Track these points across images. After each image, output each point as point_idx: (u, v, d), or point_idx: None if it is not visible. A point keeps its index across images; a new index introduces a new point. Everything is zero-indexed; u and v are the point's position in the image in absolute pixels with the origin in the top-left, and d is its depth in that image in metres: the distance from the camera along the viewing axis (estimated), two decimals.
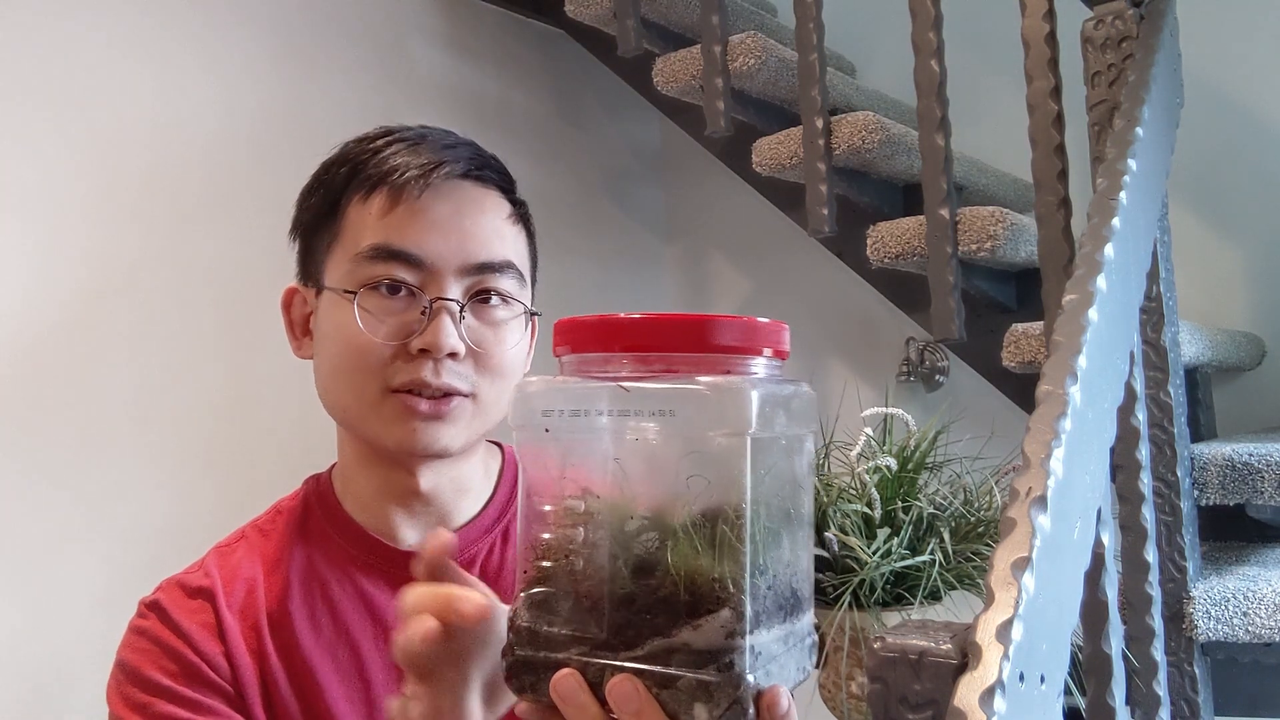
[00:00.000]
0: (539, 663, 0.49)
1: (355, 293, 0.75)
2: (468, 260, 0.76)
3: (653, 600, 0.47)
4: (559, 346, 0.53)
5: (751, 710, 0.46)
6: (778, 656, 0.49)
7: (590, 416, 0.49)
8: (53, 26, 1.63)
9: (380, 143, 0.80)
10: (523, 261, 0.82)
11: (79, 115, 1.65)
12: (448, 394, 0.75)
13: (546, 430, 0.50)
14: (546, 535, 0.50)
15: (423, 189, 0.76)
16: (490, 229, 0.79)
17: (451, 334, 0.74)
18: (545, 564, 0.50)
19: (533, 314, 0.82)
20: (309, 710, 0.75)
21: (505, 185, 0.82)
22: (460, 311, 0.76)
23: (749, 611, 0.46)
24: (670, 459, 0.48)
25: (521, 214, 0.83)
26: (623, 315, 0.50)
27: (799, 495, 0.52)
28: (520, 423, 0.52)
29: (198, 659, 0.74)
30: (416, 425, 0.74)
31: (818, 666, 1.19)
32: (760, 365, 0.51)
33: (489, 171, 0.81)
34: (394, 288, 0.75)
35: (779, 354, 0.52)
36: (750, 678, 0.46)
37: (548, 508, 0.50)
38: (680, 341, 0.49)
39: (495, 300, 0.78)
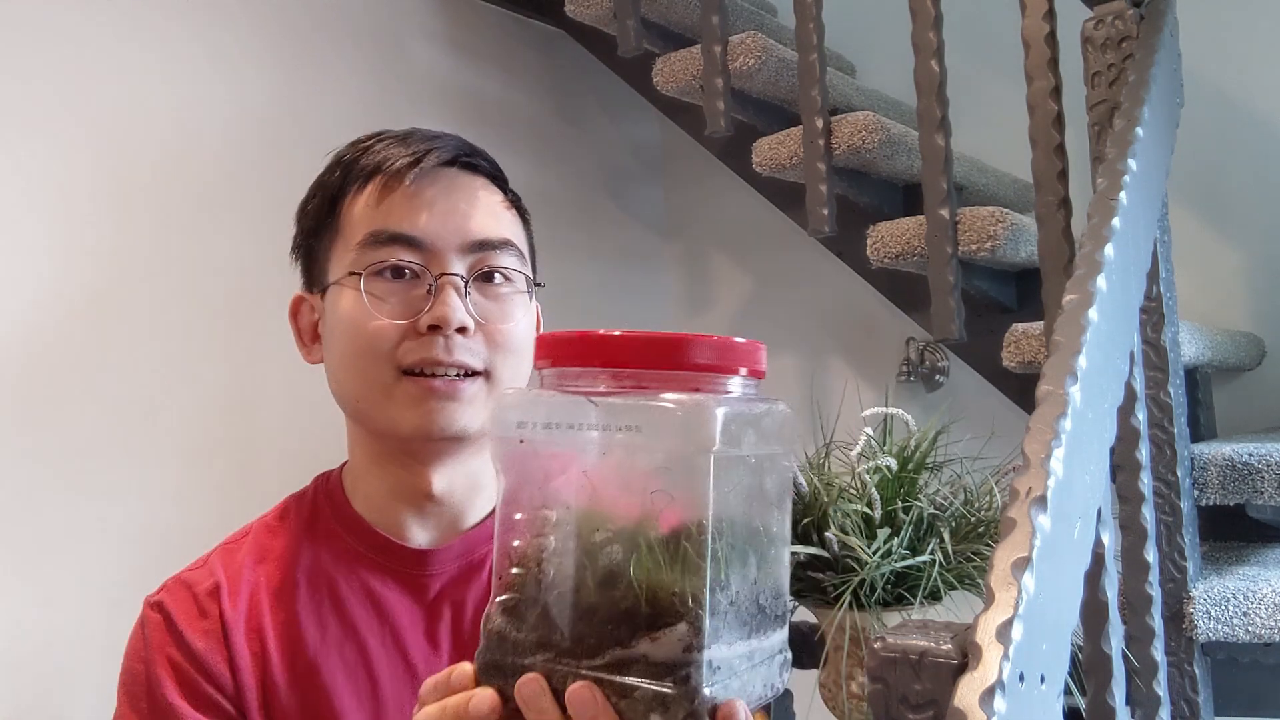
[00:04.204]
0: (507, 667, 0.50)
1: (360, 274, 0.76)
2: (467, 238, 0.77)
3: (615, 611, 0.48)
4: (540, 359, 0.53)
5: None
6: (740, 673, 0.49)
7: (562, 429, 0.50)
8: (61, 22, 1.63)
9: (370, 141, 0.81)
10: (521, 243, 0.82)
11: (88, 112, 1.65)
12: (461, 373, 0.75)
13: (521, 441, 0.51)
14: (518, 543, 0.51)
15: (415, 175, 0.77)
16: (486, 209, 0.79)
17: (459, 308, 0.74)
18: (517, 571, 0.51)
19: (537, 284, 0.83)
20: (311, 711, 0.74)
21: (495, 174, 0.83)
22: (465, 287, 0.76)
23: (707, 626, 0.47)
24: (637, 474, 0.49)
25: (514, 201, 0.84)
26: (600, 331, 0.51)
27: (769, 513, 0.52)
28: (497, 432, 0.52)
29: (199, 675, 0.74)
30: (433, 406, 0.74)
31: (818, 666, 1.19)
32: (735, 384, 0.51)
33: (478, 159, 0.81)
34: (398, 271, 0.76)
35: (754, 373, 0.52)
36: (706, 691, 0.46)
37: (520, 516, 0.51)
38: (655, 359, 0.50)
39: (499, 278, 0.79)
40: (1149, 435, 1.18)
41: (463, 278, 0.76)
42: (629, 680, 0.47)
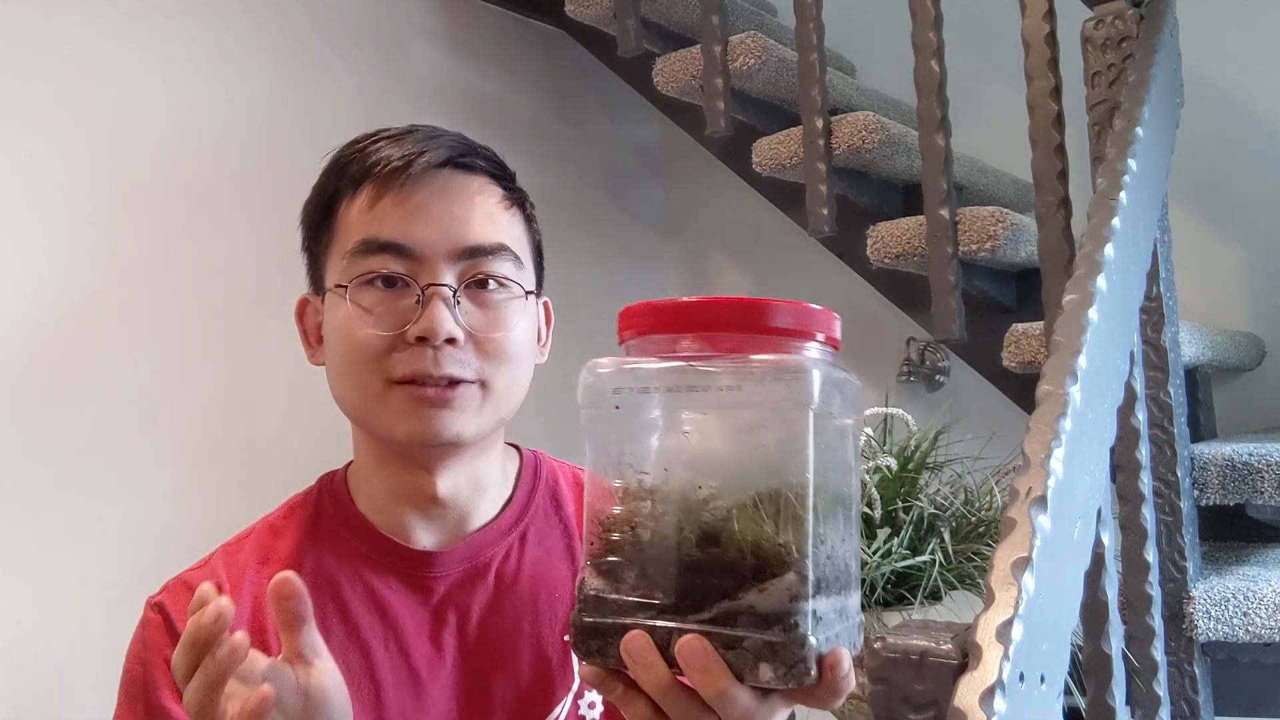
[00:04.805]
0: (606, 628, 0.51)
1: (346, 286, 0.75)
2: (457, 245, 0.75)
3: (720, 565, 0.49)
4: (624, 331, 0.54)
5: (814, 670, 0.47)
6: (834, 625, 0.50)
7: (659, 393, 0.51)
8: (61, 22, 1.63)
9: (366, 142, 0.79)
10: (519, 245, 0.80)
11: (88, 112, 1.65)
12: (452, 382, 0.74)
13: (617, 408, 0.52)
14: (615, 509, 0.52)
15: (406, 179, 0.75)
16: (479, 213, 0.77)
17: (447, 319, 0.73)
18: (613, 536, 0.52)
19: (529, 292, 0.80)
20: None
21: (496, 172, 0.81)
22: (455, 297, 0.75)
23: (811, 576, 0.48)
24: (736, 432, 0.50)
25: (517, 199, 0.82)
26: (686, 299, 0.52)
27: (850, 478, 0.53)
28: (589, 402, 0.53)
29: None
30: (425, 414, 0.73)
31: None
32: (815, 349, 0.53)
33: (475, 158, 0.79)
34: (389, 280, 0.75)
35: (831, 341, 0.54)
36: (813, 639, 0.47)
37: (617, 483, 0.52)
38: (741, 323, 0.51)
39: (492, 285, 0.77)
40: (1149, 435, 1.18)
41: (451, 287, 0.75)
42: (736, 632, 0.48)
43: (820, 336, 0.53)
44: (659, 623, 0.49)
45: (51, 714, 1.53)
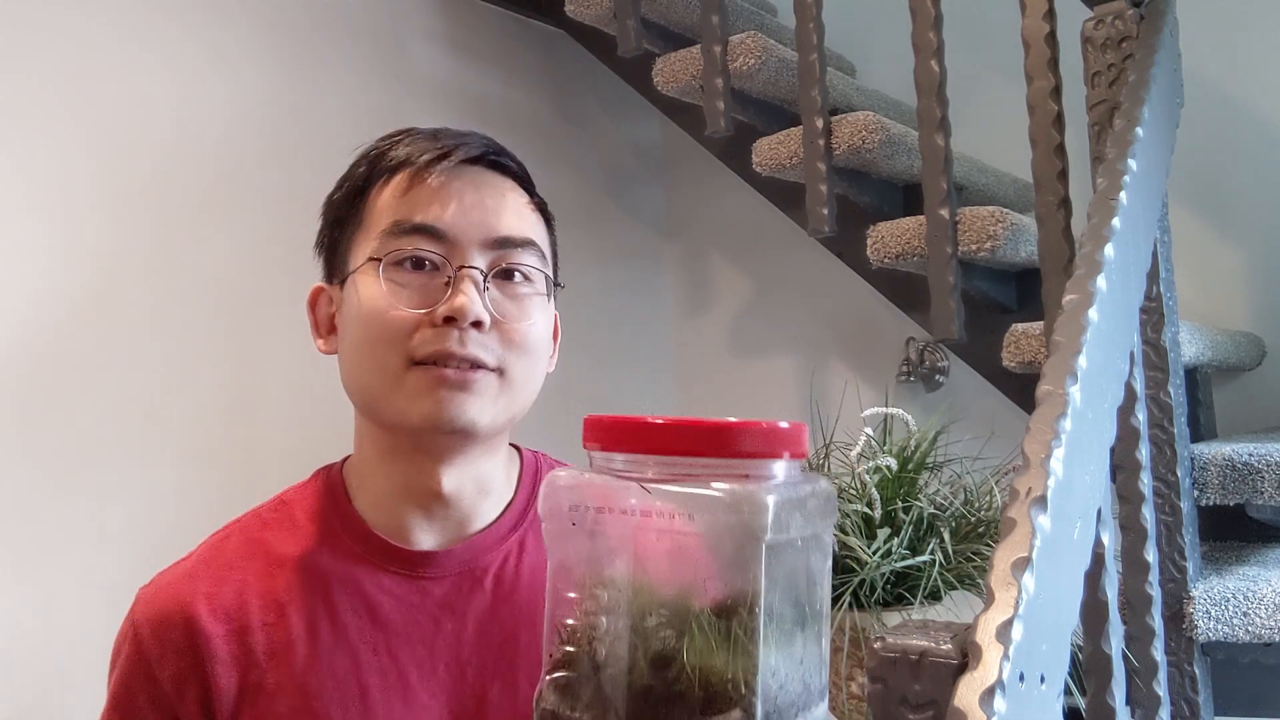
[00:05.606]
0: None
1: (380, 260, 0.75)
2: (490, 234, 0.76)
3: (669, 694, 0.48)
4: (589, 442, 0.54)
5: None
6: None
7: (615, 514, 0.51)
8: (62, 21, 1.63)
9: (399, 136, 0.81)
10: (544, 245, 0.82)
11: (89, 112, 1.65)
12: (474, 365, 0.74)
13: (573, 524, 0.52)
14: (571, 621, 0.52)
15: (441, 169, 0.77)
16: (510, 208, 0.79)
17: (476, 301, 0.74)
18: (569, 649, 0.52)
19: (554, 283, 0.82)
20: (296, 718, 0.73)
21: (522, 176, 0.83)
22: (484, 282, 0.76)
23: (760, 712, 0.47)
24: (689, 560, 0.50)
25: (539, 205, 0.83)
26: (650, 419, 0.52)
27: (814, 590, 0.53)
28: (548, 514, 0.54)
29: (169, 693, 0.73)
30: (443, 395, 0.73)
31: None
32: (780, 468, 0.52)
33: (506, 159, 0.81)
34: (418, 262, 0.75)
35: (797, 455, 0.54)
36: None
37: (573, 595, 0.52)
38: (703, 446, 0.51)
39: (518, 277, 0.78)
40: (1149, 435, 1.18)
41: (482, 272, 0.76)
42: None
43: (785, 454, 0.53)
44: None
45: (51, 714, 1.53)
